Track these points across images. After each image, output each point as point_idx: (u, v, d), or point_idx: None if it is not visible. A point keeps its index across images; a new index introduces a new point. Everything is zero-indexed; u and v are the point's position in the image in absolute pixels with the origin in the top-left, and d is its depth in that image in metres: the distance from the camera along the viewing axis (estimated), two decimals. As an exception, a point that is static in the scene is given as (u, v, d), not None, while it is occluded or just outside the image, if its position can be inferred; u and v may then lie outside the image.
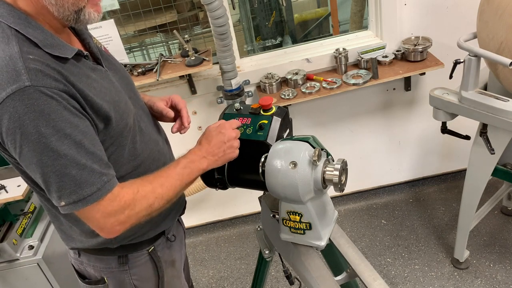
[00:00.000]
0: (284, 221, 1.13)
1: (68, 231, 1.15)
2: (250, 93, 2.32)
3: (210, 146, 1.11)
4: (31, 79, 0.85)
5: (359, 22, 2.74)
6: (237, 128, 1.17)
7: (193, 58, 2.11)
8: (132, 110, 1.10)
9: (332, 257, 1.29)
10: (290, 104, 2.18)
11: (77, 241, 1.16)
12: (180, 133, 1.29)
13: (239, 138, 1.15)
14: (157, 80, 2.09)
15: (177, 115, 1.29)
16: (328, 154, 1.08)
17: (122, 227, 0.98)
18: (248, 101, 2.32)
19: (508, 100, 1.64)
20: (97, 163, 0.93)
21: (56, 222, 1.16)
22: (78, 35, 1.09)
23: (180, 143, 2.03)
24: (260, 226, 1.44)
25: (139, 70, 2.14)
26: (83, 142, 0.91)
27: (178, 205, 1.30)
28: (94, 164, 0.92)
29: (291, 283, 1.50)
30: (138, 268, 1.22)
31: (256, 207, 1.97)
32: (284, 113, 1.19)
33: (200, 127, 2.45)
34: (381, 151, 2.67)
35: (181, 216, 1.41)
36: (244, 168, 1.17)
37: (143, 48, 2.64)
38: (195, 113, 2.41)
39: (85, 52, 1.01)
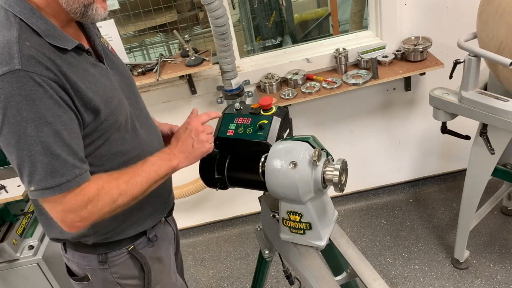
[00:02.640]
0: (284, 221, 1.13)
1: (50, 221, 1.14)
2: (250, 93, 2.32)
3: (178, 144, 1.13)
4: (22, 64, 0.88)
5: (359, 22, 2.74)
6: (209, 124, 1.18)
7: (193, 58, 2.11)
8: (127, 110, 1.11)
9: (332, 257, 1.29)
10: (290, 104, 2.18)
11: (58, 231, 1.17)
12: None
13: (238, 138, 1.15)
14: (157, 80, 2.09)
15: None
16: (328, 154, 1.08)
17: (84, 223, 0.99)
18: (248, 101, 2.32)
19: (508, 100, 1.64)
20: (71, 156, 0.94)
21: (39, 212, 1.17)
22: (85, 32, 1.11)
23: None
24: (260, 226, 1.44)
25: (139, 70, 2.14)
26: (62, 133, 0.92)
27: (162, 206, 1.29)
28: (68, 156, 0.94)
29: (291, 283, 1.50)
30: (118, 266, 1.23)
31: (256, 207, 1.98)
32: (284, 113, 1.19)
33: (200, 127, 2.45)
34: (381, 151, 2.67)
35: (175, 217, 1.40)
36: (244, 168, 1.17)
37: (143, 48, 2.64)
38: (195, 113, 2.41)
39: (87, 47, 1.04)
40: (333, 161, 1.05)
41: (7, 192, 1.99)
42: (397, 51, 2.25)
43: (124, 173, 1.04)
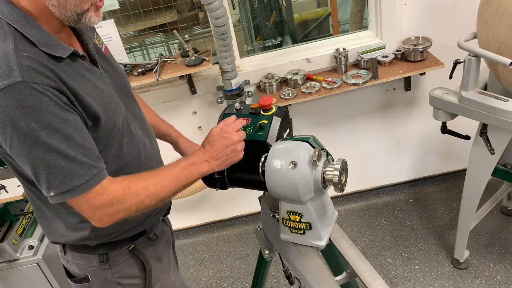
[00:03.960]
0: (284, 221, 1.13)
1: (51, 224, 1.17)
2: (250, 93, 2.32)
3: (213, 150, 1.11)
4: (23, 75, 0.87)
5: (359, 22, 2.74)
6: (242, 128, 1.16)
7: (193, 58, 2.11)
8: (122, 112, 1.11)
9: (332, 257, 1.29)
10: (290, 104, 2.18)
11: (59, 235, 1.17)
12: None
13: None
14: (157, 80, 2.09)
15: None
16: (328, 154, 1.08)
17: (111, 219, 1.00)
18: (248, 101, 2.32)
19: (508, 100, 1.64)
20: (87, 156, 0.95)
21: (39, 215, 1.18)
22: (78, 35, 1.10)
23: (180, 143, 2.02)
24: (260, 226, 1.44)
25: (139, 70, 2.14)
26: (73, 135, 0.93)
27: (161, 206, 1.28)
28: (84, 157, 0.94)
29: (291, 283, 1.50)
30: (120, 266, 1.23)
31: (256, 207, 1.98)
32: (284, 113, 1.19)
33: (200, 127, 2.45)
34: (381, 151, 2.67)
35: (175, 217, 1.41)
36: (244, 168, 1.17)
37: (143, 48, 2.64)
38: (195, 113, 2.41)
39: (81, 53, 1.03)
40: (333, 161, 1.05)
41: (7, 192, 1.99)
42: (397, 51, 2.25)
43: (154, 175, 1.04)
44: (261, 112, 1.19)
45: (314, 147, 1.04)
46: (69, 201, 0.97)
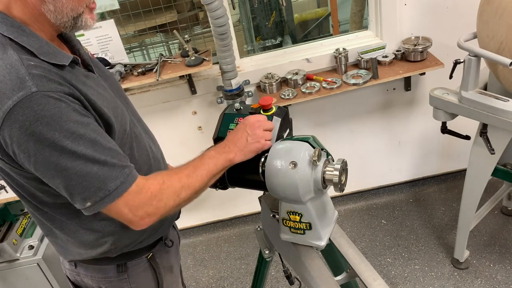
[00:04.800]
0: (284, 221, 1.13)
1: (65, 244, 1.14)
2: (250, 93, 2.32)
3: (233, 137, 1.11)
4: (37, 85, 0.83)
5: (359, 22, 2.74)
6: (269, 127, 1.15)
7: (193, 58, 2.11)
8: (127, 116, 1.09)
9: (332, 257, 1.29)
10: (290, 104, 2.18)
11: (75, 253, 1.14)
12: None
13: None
14: (157, 80, 2.09)
15: None
16: (328, 154, 1.08)
17: (152, 219, 0.97)
18: (248, 101, 2.32)
19: (508, 100, 1.64)
20: (116, 158, 0.92)
21: (51, 237, 1.14)
22: (67, 42, 1.07)
23: (180, 144, 2.03)
24: (260, 226, 1.44)
25: (139, 70, 2.14)
26: (98, 139, 0.90)
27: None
28: (113, 159, 0.91)
29: (291, 283, 1.50)
30: (137, 275, 1.21)
31: (256, 207, 1.98)
32: (284, 113, 1.19)
33: (200, 127, 2.45)
34: (381, 151, 2.67)
35: (176, 220, 1.41)
36: (244, 168, 1.17)
37: (143, 48, 2.64)
38: (195, 113, 2.41)
39: (78, 59, 1.00)
40: (333, 161, 1.05)
41: (7, 192, 1.99)
42: (397, 51, 2.25)
43: (184, 167, 1.04)
44: (261, 112, 1.19)
45: (314, 147, 1.04)
46: (106, 208, 0.92)
